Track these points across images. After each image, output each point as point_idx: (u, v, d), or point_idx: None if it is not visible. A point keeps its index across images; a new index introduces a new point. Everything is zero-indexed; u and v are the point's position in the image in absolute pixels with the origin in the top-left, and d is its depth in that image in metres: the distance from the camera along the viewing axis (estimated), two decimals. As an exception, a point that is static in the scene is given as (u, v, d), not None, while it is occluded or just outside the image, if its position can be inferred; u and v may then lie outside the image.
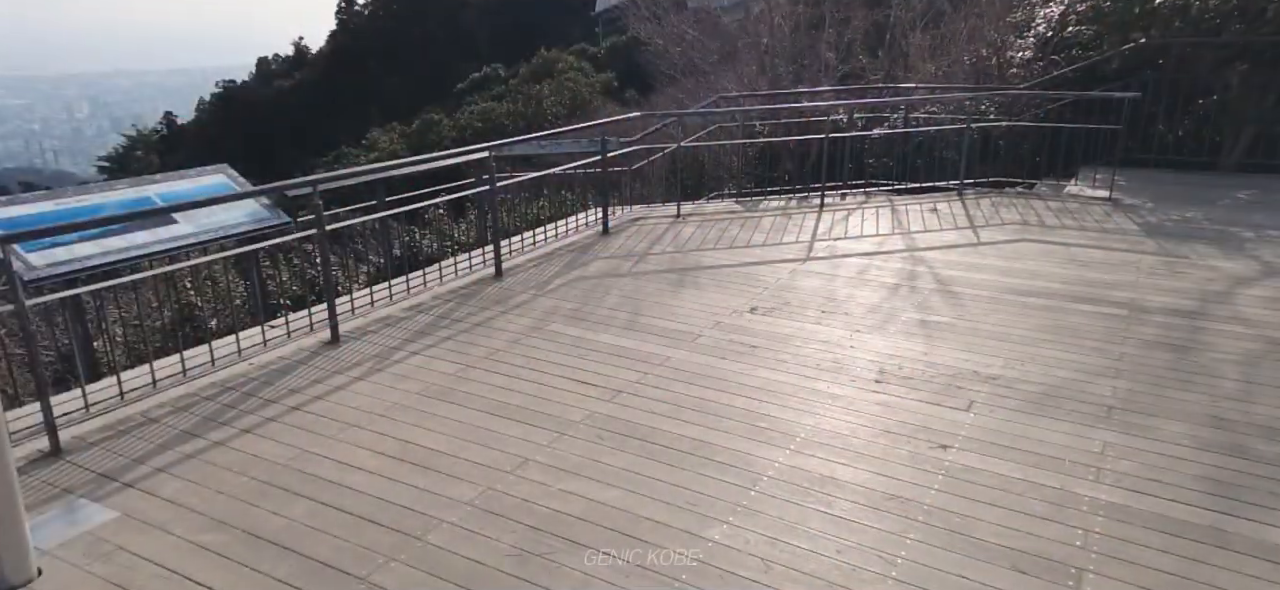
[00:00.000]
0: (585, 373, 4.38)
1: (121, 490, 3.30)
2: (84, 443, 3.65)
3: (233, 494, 3.29)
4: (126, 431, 3.76)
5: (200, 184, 7.59)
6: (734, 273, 6.15)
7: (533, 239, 6.84)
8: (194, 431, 3.77)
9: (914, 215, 7.89)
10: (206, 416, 3.91)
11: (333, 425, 3.84)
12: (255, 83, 49.19)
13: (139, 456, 3.55)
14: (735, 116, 10.84)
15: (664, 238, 7.17)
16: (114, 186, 7.21)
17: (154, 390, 4.08)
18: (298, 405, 4.04)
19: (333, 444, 3.67)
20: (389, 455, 3.58)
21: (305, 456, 3.57)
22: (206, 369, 4.35)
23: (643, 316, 5.23)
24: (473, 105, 28.32)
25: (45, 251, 5.98)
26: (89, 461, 3.50)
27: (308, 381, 4.31)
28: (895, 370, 4.43)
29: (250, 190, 6.54)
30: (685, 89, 16.51)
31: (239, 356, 4.52)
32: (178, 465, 3.48)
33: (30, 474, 3.40)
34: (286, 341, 4.79)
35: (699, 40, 16.28)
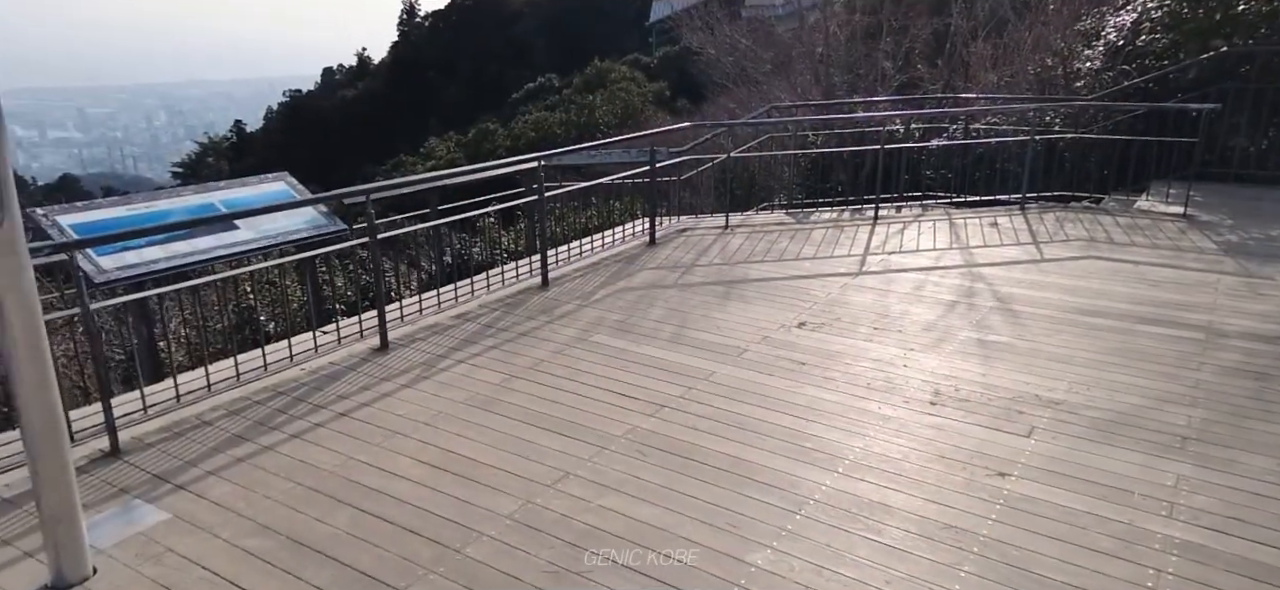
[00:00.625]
0: (628, 386, 4.33)
1: (174, 492, 3.37)
2: (141, 443, 3.75)
3: (279, 499, 3.33)
4: (181, 433, 3.86)
5: (262, 191, 7.81)
6: (782, 286, 6.02)
7: (579, 249, 6.83)
8: (244, 435, 3.84)
9: (973, 229, 7.62)
10: (257, 420, 3.99)
11: (378, 432, 3.87)
12: (320, 92, 50.91)
13: (191, 459, 3.63)
14: (787, 126, 10.69)
15: (711, 249, 7.08)
16: (181, 193, 7.48)
17: (209, 393, 4.18)
18: (345, 411, 4.08)
19: (377, 452, 3.70)
20: (432, 465, 3.58)
21: (350, 463, 3.60)
22: (259, 373, 4.44)
23: (688, 330, 5.15)
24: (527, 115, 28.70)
25: (116, 255, 6.23)
26: (145, 462, 3.60)
27: (356, 388, 4.36)
28: (951, 392, 4.25)
29: (307, 198, 6.70)
30: (737, 98, 16.39)
31: (291, 361, 4.61)
32: (228, 469, 3.55)
33: (91, 473, 3.51)
34: (337, 347, 4.87)
35: (751, 50, 16.14)
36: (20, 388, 2.67)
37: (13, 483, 3.37)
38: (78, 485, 2.87)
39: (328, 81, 53.04)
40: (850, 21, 14.11)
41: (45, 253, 3.83)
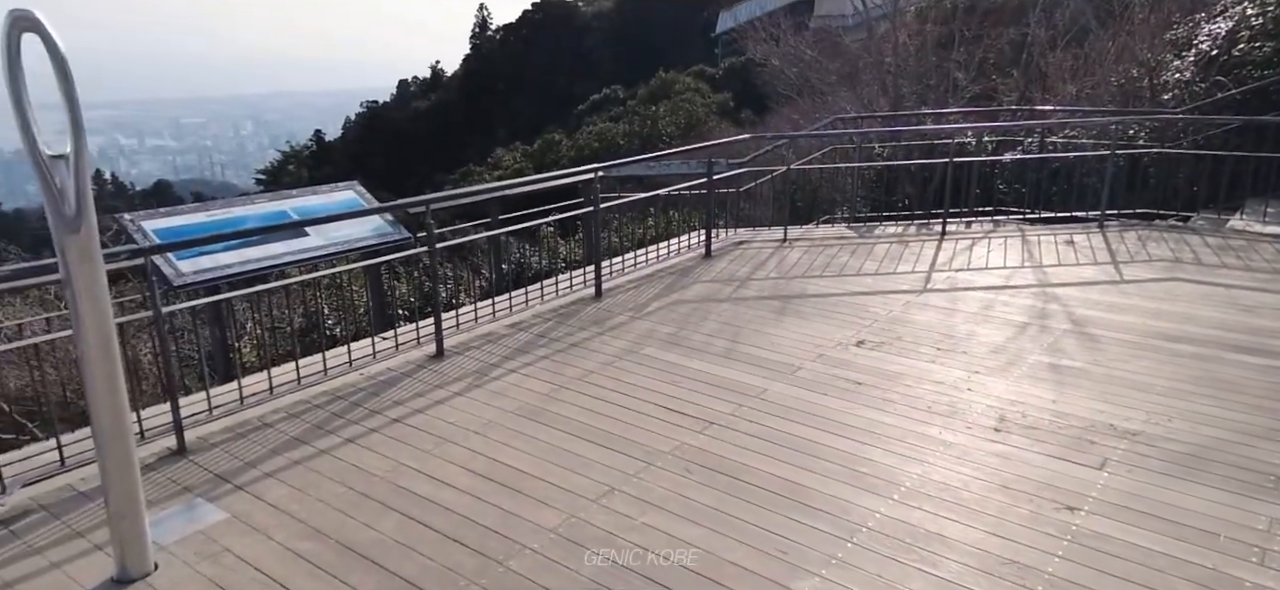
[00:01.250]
0: (677, 401, 4.27)
1: (233, 492, 3.48)
2: (206, 443, 3.90)
3: (331, 503, 3.40)
4: (243, 434, 3.99)
5: (332, 199, 8.08)
6: (841, 302, 5.86)
7: (634, 260, 6.81)
8: (302, 438, 3.94)
9: (1047, 247, 7.27)
10: (316, 424, 4.09)
11: (429, 439, 3.92)
12: (395, 103, 52.62)
13: (252, 460, 3.75)
14: (852, 138, 10.45)
15: (767, 263, 6.96)
16: (256, 200, 7.80)
17: (271, 396, 4.32)
18: (399, 417, 4.15)
19: (427, 458, 3.74)
20: (479, 474, 3.60)
21: (401, 470, 3.65)
22: (320, 377, 4.56)
23: (740, 345, 5.06)
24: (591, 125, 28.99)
25: (193, 260, 6.54)
26: (208, 462, 3.73)
27: (411, 394, 4.43)
28: (1018, 418, 4.04)
29: (373, 207, 6.88)
30: (801, 109, 16.15)
31: (350, 366, 4.72)
32: (285, 471, 3.65)
33: (158, 470, 3.66)
34: (395, 353, 4.97)
35: (816, 60, 15.88)
36: (91, 387, 2.80)
37: (88, 477, 3.54)
38: (145, 482, 2.99)
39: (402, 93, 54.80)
40: (921, 31, 13.73)
41: (124, 257, 4.03)
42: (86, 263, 2.78)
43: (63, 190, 2.74)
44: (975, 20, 13.14)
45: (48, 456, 3.62)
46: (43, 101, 2.80)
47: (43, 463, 3.60)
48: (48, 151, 2.70)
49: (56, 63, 2.65)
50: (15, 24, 2.61)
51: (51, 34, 2.62)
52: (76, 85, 2.74)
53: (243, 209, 7.63)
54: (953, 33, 13.05)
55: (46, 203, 2.75)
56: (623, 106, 31.14)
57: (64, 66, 2.66)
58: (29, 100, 2.70)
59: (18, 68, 2.65)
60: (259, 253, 6.78)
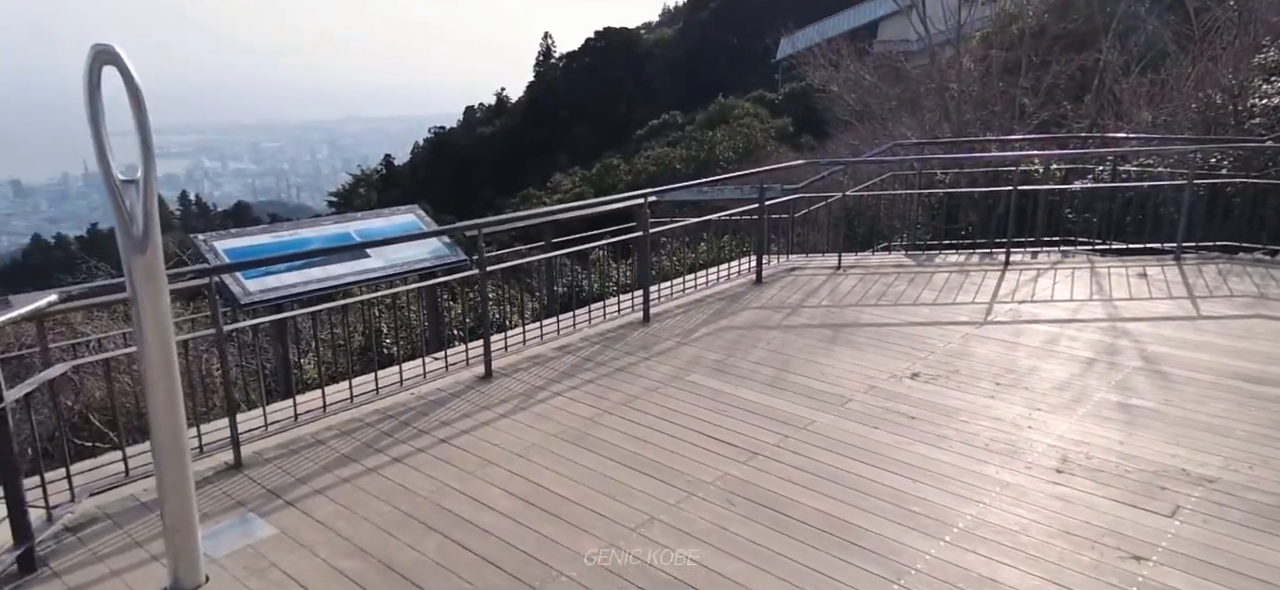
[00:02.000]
0: (722, 430, 4.20)
1: (284, 508, 3.57)
2: (261, 458, 4.02)
3: (376, 522, 3.45)
4: (297, 451, 4.10)
5: (393, 222, 8.33)
6: (895, 333, 5.70)
7: (683, 285, 6.78)
8: (352, 456, 4.03)
9: (1118, 280, 6.94)
10: (366, 442, 4.18)
11: (473, 461, 3.95)
12: (461, 129, 54.13)
13: (303, 476, 3.84)
14: (912, 164, 10.22)
15: (820, 290, 6.83)
16: (321, 222, 8.09)
17: (324, 413, 4.43)
18: (445, 438, 4.20)
19: (470, 480, 3.77)
20: (520, 497, 3.61)
21: (444, 490, 3.69)
22: (372, 396, 4.67)
23: (789, 374, 4.96)
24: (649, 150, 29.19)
25: (260, 279, 6.81)
26: (262, 477, 3.84)
27: (458, 415, 4.49)
28: (1082, 460, 3.83)
29: (429, 230, 7.06)
30: (861, 135, 15.91)
31: (401, 385, 4.81)
32: (334, 488, 3.73)
33: (215, 484, 3.79)
34: (445, 374, 5.05)
35: (877, 86, 15.66)
36: (152, 402, 2.92)
37: (149, 488, 3.68)
38: (200, 496, 3.09)
39: (469, 119, 56.35)
40: (986, 57, 13.40)
41: (190, 277, 4.21)
42: (151, 282, 2.91)
43: (132, 212, 2.88)
44: (1043, 46, 12.76)
45: (114, 467, 3.79)
46: (122, 129, 2.97)
47: (109, 473, 3.77)
48: (120, 176, 2.85)
49: (132, 93, 2.80)
50: (97, 58, 2.78)
51: (129, 67, 2.78)
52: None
53: (309, 231, 7.93)
54: (1019, 58, 12.69)
55: (117, 224, 2.90)
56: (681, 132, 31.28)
57: (138, 97, 2.80)
58: (106, 128, 2.86)
59: (98, 98, 2.81)
60: (322, 273, 7.02)
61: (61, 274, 17.50)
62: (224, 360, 3.97)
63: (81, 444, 6.03)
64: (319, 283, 6.94)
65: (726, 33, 47.91)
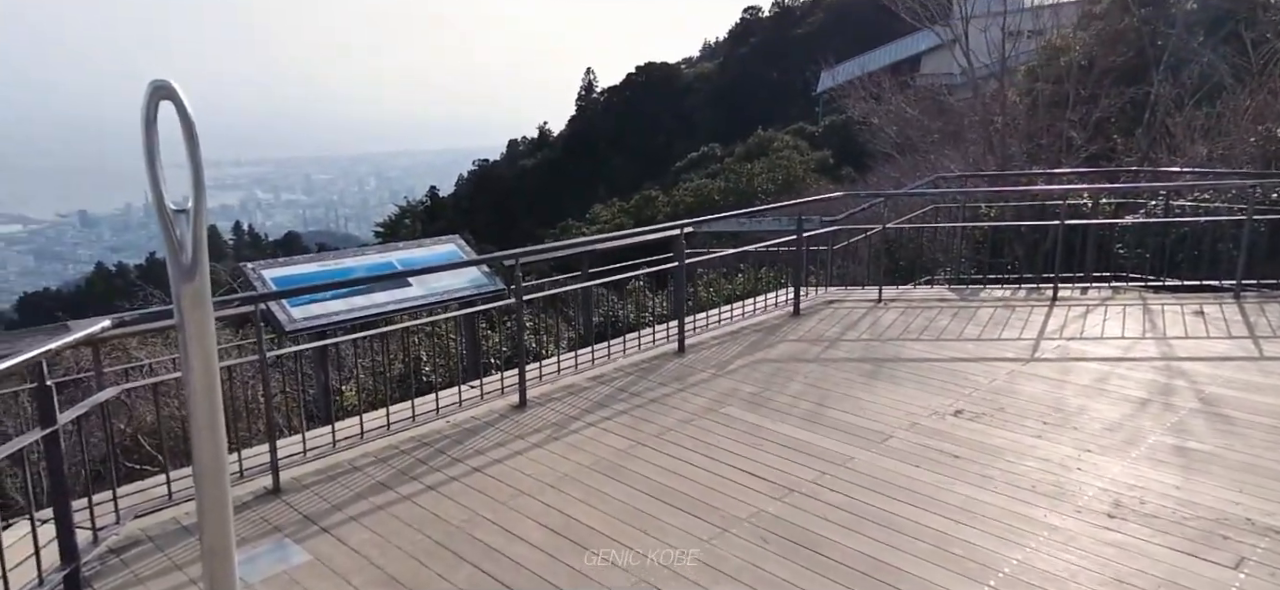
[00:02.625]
0: (757, 464, 4.13)
1: (319, 534, 3.61)
2: (299, 484, 4.07)
3: (408, 551, 3.45)
4: (334, 477, 4.15)
5: (434, 251, 8.47)
6: (938, 368, 5.56)
7: (719, 316, 6.74)
8: (387, 483, 4.06)
9: (1172, 317, 6.68)
10: (400, 470, 4.21)
11: (506, 491, 3.95)
12: (504, 162, 55.20)
13: (339, 503, 3.88)
14: (955, 197, 10.06)
15: (859, 323, 6.72)
16: (365, 252, 8.28)
17: (361, 440, 4.48)
18: (479, 467, 4.21)
19: (503, 510, 3.76)
20: (552, 529, 3.58)
21: (477, 520, 3.68)
22: (408, 423, 4.71)
23: (827, 408, 4.86)
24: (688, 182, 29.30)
25: (305, 306, 6.97)
26: (299, 503, 3.89)
27: (492, 443, 4.50)
28: (1135, 505, 3.66)
29: (468, 259, 7.15)
30: (902, 168, 15.74)
31: (437, 413, 4.85)
32: (368, 516, 3.75)
33: (253, 509, 3.84)
34: (480, 402, 5.07)
35: (918, 119, 15.50)
36: (194, 426, 2.97)
37: (191, 512, 3.76)
38: (239, 521, 3.14)
39: (511, 152, 57.45)
40: (1031, 90, 13.18)
41: (236, 304, 4.32)
42: (198, 309, 2.97)
43: (181, 241, 2.96)
44: (1091, 79, 12.50)
45: (159, 490, 3.88)
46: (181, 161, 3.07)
47: (154, 496, 3.86)
48: (172, 206, 2.95)
49: (185, 127, 2.89)
50: (155, 93, 2.89)
51: (184, 101, 2.88)
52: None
53: (353, 260, 8.11)
54: (1067, 92, 12.45)
55: (167, 252, 2.98)
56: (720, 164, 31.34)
57: (191, 130, 2.90)
58: (161, 160, 2.97)
59: (153, 130, 2.92)
60: (365, 301, 7.15)
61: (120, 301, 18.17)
62: (266, 386, 4.05)
63: (131, 467, 6.20)
64: (361, 310, 7.07)
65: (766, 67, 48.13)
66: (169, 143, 2.89)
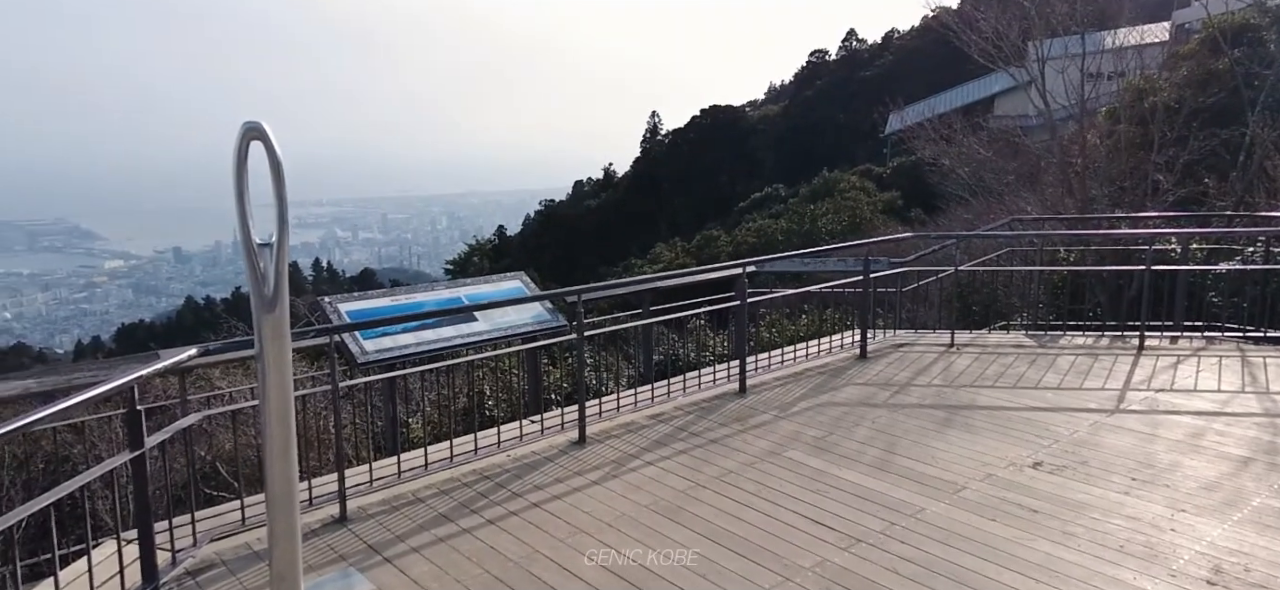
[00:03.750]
0: (822, 512, 4.00)
1: (382, 564, 3.65)
2: (365, 513, 4.15)
3: (467, 584, 3.46)
4: (398, 508, 4.21)
5: (500, 287, 8.64)
6: (1016, 417, 5.31)
7: (782, 357, 6.61)
8: (449, 516, 4.10)
9: (1276, 371, 6.22)
10: (462, 502, 4.25)
11: (564, 528, 3.93)
12: (569, 202, 56.23)
13: (402, 533, 3.93)
14: (1032, 240, 9.69)
15: (931, 368, 6.49)
16: (434, 287, 8.51)
17: (425, 471, 4.55)
18: (538, 502, 4.21)
19: (560, 548, 3.74)
20: (609, 569, 3.54)
21: (534, 557, 3.67)
22: (470, 456, 4.76)
23: (897, 456, 4.69)
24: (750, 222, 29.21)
25: (377, 340, 7.19)
26: (364, 532, 3.96)
27: (551, 479, 4.50)
28: (1238, 572, 3.38)
29: (531, 295, 7.26)
30: (975, 210, 15.30)
31: (498, 447, 4.89)
32: (429, 547, 3.79)
33: (320, 537, 3.93)
34: (540, 437, 5.09)
35: (993, 160, 15.08)
36: (268, 453, 3.08)
37: (263, 538, 3.86)
38: (306, 547, 3.21)
39: (577, 192, 58.55)
40: (1114, 132, 12.68)
41: (312, 335, 4.48)
42: (277, 339, 3.10)
43: (265, 274, 3.11)
44: (1179, 121, 11.95)
45: (233, 515, 4.01)
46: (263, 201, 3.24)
47: (228, 521, 3.99)
48: (258, 241, 3.10)
49: (273, 166, 3.05)
50: (246, 134, 3.06)
51: (273, 142, 3.04)
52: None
53: (423, 295, 8.35)
54: (1151, 134, 11.92)
55: (251, 283, 3.13)
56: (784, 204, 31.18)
57: (278, 170, 3.05)
58: (250, 198, 3.12)
59: (244, 170, 3.08)
60: (433, 335, 7.33)
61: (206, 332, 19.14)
62: (338, 415, 4.17)
63: (207, 493, 6.45)
64: (429, 344, 7.25)
65: (833, 108, 47.90)
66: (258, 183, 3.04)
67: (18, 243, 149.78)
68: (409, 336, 7.24)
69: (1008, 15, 13.03)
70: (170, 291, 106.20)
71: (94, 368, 6.91)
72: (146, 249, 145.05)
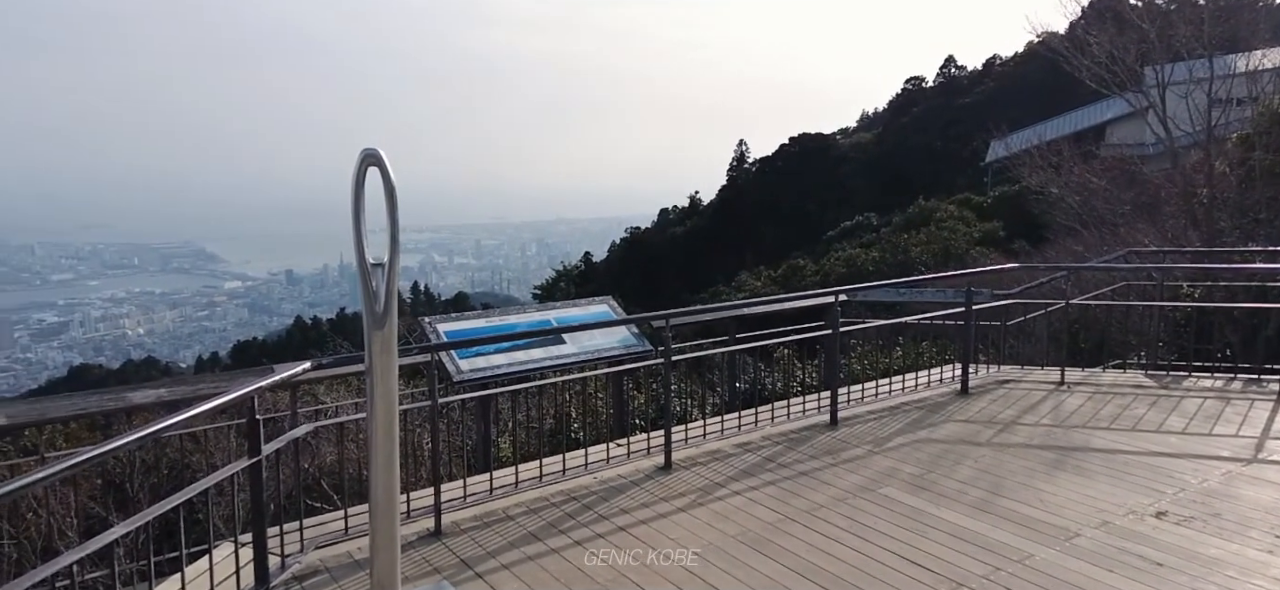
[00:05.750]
0: (919, 553, 3.81)
1: (473, 579, 3.73)
2: (458, 528, 4.25)
3: (553, 602, 3.48)
4: (489, 524, 4.29)
5: (587, 311, 8.78)
6: (1135, 462, 4.92)
7: (876, 390, 6.39)
8: (537, 534, 4.14)
9: None
10: (550, 522, 4.29)
11: (649, 553, 3.90)
12: (655, 229, 56.65)
13: (492, 550, 4.00)
14: (1151, 273, 9.04)
15: (1039, 407, 6.12)
16: (525, 310, 8.71)
17: (515, 490, 4.62)
18: (624, 526, 4.20)
19: (647, 574, 3.71)
20: (695, 598, 3.48)
21: (621, 581, 3.66)
22: (558, 476, 4.81)
23: (1001, 497, 4.43)
24: (840, 251, 28.56)
25: (471, 359, 7.42)
26: (457, 547, 4.05)
27: (636, 504, 4.49)
28: (1407, 647, 3.00)
29: (618, 318, 7.33)
30: (1086, 242, 14.42)
31: (585, 469, 4.92)
32: (518, 565, 3.84)
33: (416, 549, 4.04)
34: (626, 461, 5.10)
35: (1107, 190, 14.21)
36: (373, 463, 3.21)
37: (363, 547, 4.01)
38: (403, 559, 3.30)
39: (662, 220, 58.95)
40: (1245, 160, 11.73)
41: (415, 352, 4.66)
42: (385, 354, 3.25)
43: (376, 292, 3.26)
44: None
45: (336, 525, 4.19)
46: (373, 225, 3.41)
47: (331, 529, 4.17)
48: (371, 260, 3.26)
49: (387, 192, 3.21)
50: (364, 160, 3.23)
51: (388, 169, 3.20)
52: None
53: (515, 317, 8.57)
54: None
55: (363, 300, 3.29)
56: (875, 234, 30.34)
57: (392, 195, 3.21)
58: (366, 220, 3.30)
59: (361, 193, 3.25)
60: (524, 356, 7.50)
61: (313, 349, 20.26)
62: (435, 430, 4.30)
63: (311, 504, 6.78)
64: (520, 365, 7.42)
65: (929, 136, 46.51)
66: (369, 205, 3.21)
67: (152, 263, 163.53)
68: (501, 357, 7.44)
69: (1124, 39, 12.33)
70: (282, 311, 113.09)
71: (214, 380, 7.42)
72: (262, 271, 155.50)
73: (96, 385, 24.67)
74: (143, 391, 5.12)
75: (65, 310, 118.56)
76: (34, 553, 5.13)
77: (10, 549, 5.18)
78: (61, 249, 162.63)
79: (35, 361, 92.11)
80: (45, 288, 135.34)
